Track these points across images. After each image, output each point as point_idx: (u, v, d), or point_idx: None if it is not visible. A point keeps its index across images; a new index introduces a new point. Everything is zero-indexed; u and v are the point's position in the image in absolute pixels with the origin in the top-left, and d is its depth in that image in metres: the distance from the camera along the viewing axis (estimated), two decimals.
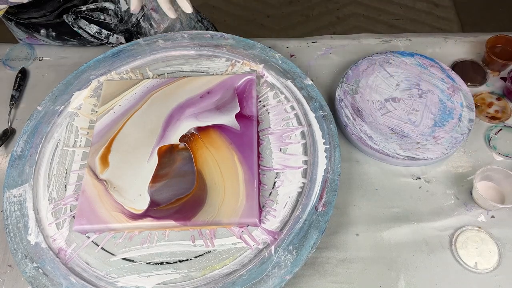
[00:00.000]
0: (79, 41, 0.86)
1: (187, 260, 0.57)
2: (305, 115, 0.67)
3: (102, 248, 0.58)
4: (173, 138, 0.65)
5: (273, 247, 0.56)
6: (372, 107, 0.72)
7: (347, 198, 0.66)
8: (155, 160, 0.63)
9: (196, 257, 0.57)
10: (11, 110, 0.79)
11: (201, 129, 0.65)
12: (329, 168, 0.62)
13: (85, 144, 0.67)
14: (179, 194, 0.59)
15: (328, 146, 0.64)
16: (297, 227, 0.57)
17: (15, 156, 0.66)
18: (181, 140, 0.64)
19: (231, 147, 0.63)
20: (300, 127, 0.66)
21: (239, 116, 0.66)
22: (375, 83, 0.75)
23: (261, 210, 0.59)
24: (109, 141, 0.65)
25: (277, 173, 0.62)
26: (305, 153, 0.64)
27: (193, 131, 0.65)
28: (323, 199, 0.59)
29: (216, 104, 0.68)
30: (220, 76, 0.72)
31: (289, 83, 0.71)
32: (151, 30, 0.85)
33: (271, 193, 0.61)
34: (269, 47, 0.77)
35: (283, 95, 0.70)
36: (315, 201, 0.59)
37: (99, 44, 0.86)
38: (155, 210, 0.58)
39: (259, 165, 0.63)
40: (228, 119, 0.66)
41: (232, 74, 0.73)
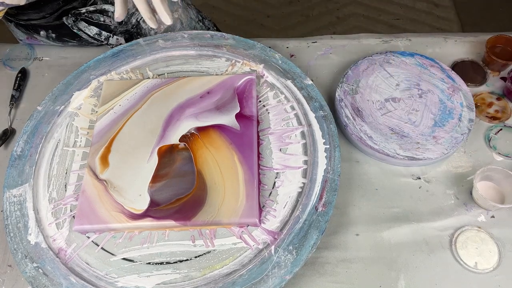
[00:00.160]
0: (79, 42, 0.86)
1: (187, 260, 0.57)
2: (305, 115, 0.67)
3: (102, 248, 0.58)
4: (173, 138, 0.65)
5: (273, 247, 0.56)
6: (372, 107, 0.72)
7: (347, 198, 0.66)
8: (155, 160, 0.63)
9: (196, 257, 0.57)
10: (11, 110, 0.79)
11: (201, 129, 0.65)
12: (329, 168, 0.62)
13: (85, 144, 0.67)
14: (179, 194, 0.59)
15: (328, 146, 0.64)
16: (297, 227, 0.57)
17: (15, 156, 0.66)
18: (181, 140, 0.64)
19: (231, 147, 0.63)
20: (300, 127, 0.66)
21: (239, 116, 0.66)
22: (375, 83, 0.75)
23: (261, 210, 0.59)
24: (109, 141, 0.65)
25: (277, 173, 0.62)
26: (305, 153, 0.64)
27: (193, 131, 0.65)
28: (323, 199, 0.59)
29: (216, 104, 0.68)
30: (220, 76, 0.72)
31: (289, 83, 0.71)
32: (151, 31, 0.85)
33: (271, 193, 0.61)
34: (269, 47, 0.77)
35: (283, 95, 0.70)
36: (315, 201, 0.59)
37: (99, 45, 0.86)
38: (155, 210, 0.58)
39: (259, 165, 0.63)
40: (228, 119, 0.66)
41: (232, 74, 0.73)
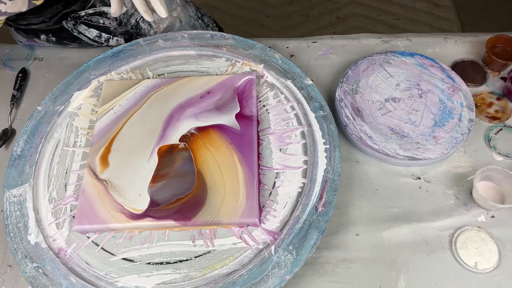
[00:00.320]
0: (79, 45, 0.86)
1: (187, 260, 0.57)
2: (305, 115, 0.67)
3: (102, 248, 0.58)
4: (173, 138, 0.65)
5: (273, 247, 0.56)
6: (372, 107, 0.72)
7: (347, 198, 0.66)
8: (155, 160, 0.63)
9: (196, 257, 0.57)
10: (11, 110, 0.79)
11: (201, 129, 0.65)
12: (329, 168, 0.62)
13: (85, 144, 0.67)
14: (179, 194, 0.59)
15: (328, 146, 0.64)
16: (297, 227, 0.57)
17: (15, 156, 0.66)
18: (181, 140, 0.64)
19: (231, 147, 0.63)
20: (300, 127, 0.66)
21: (239, 116, 0.66)
22: (375, 83, 0.75)
23: (261, 210, 0.59)
24: (109, 141, 0.65)
25: (277, 173, 0.62)
26: (305, 153, 0.64)
27: (193, 131, 0.65)
28: (323, 199, 0.59)
29: (216, 104, 0.68)
30: (220, 76, 0.72)
31: (289, 83, 0.71)
32: (150, 31, 0.85)
33: (271, 193, 0.61)
34: (269, 47, 0.77)
35: (283, 95, 0.70)
36: (315, 201, 0.59)
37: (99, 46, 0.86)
38: (155, 210, 0.58)
39: (259, 165, 0.63)
40: (228, 119, 0.66)
41: (232, 74, 0.73)
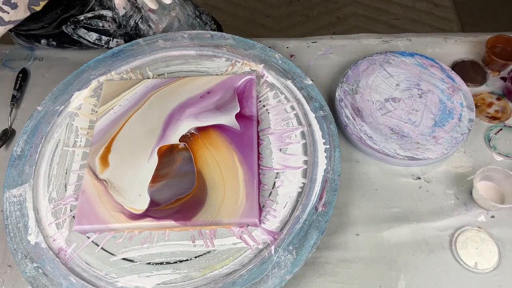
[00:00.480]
0: (80, 48, 0.86)
1: (187, 260, 0.57)
2: (305, 115, 0.67)
3: (102, 248, 0.58)
4: (173, 138, 0.65)
5: (273, 247, 0.56)
6: (372, 107, 0.72)
7: (347, 198, 0.66)
8: (155, 160, 0.63)
9: (196, 257, 0.57)
10: (11, 110, 0.79)
11: (201, 129, 0.65)
12: (329, 168, 0.62)
13: (85, 144, 0.67)
14: (179, 194, 0.59)
15: (328, 146, 0.64)
16: (297, 227, 0.57)
17: (15, 156, 0.66)
18: (181, 140, 0.64)
19: (231, 147, 0.63)
20: (300, 127, 0.66)
21: (239, 116, 0.66)
22: (375, 83, 0.75)
23: (261, 210, 0.59)
24: (109, 141, 0.65)
25: (277, 173, 0.62)
26: (305, 153, 0.64)
27: (193, 131, 0.65)
28: (323, 199, 0.59)
29: (216, 104, 0.68)
30: (220, 76, 0.72)
31: (289, 83, 0.71)
32: (149, 31, 0.85)
33: (271, 193, 0.61)
34: (269, 47, 0.77)
35: (283, 95, 0.70)
36: (315, 201, 0.59)
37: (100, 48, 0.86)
38: (155, 210, 0.58)
39: (259, 165, 0.63)
40: (228, 119, 0.66)
41: (232, 74, 0.73)
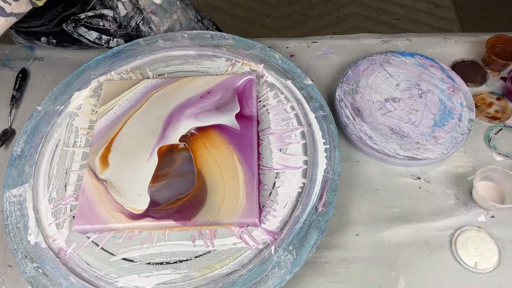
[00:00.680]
0: (80, 47, 0.86)
1: (187, 260, 0.57)
2: (305, 115, 0.67)
3: (102, 248, 0.58)
4: (173, 138, 0.65)
5: (273, 247, 0.56)
6: (372, 107, 0.72)
7: (347, 198, 0.66)
8: (155, 160, 0.63)
9: (196, 257, 0.57)
10: (11, 110, 0.79)
11: (201, 129, 0.65)
12: (329, 168, 0.62)
13: (85, 144, 0.67)
14: (179, 194, 0.59)
15: (328, 146, 0.64)
16: (297, 227, 0.57)
17: (15, 156, 0.66)
18: (181, 140, 0.64)
19: (231, 147, 0.63)
20: (300, 127, 0.66)
21: (239, 116, 0.66)
22: (375, 83, 0.75)
23: (261, 210, 0.59)
24: (109, 141, 0.65)
25: (277, 173, 0.62)
26: (305, 153, 0.64)
27: (193, 131, 0.65)
28: (323, 199, 0.59)
29: (216, 104, 0.68)
30: (220, 76, 0.72)
31: (289, 83, 0.71)
32: (150, 33, 0.85)
33: (271, 193, 0.61)
34: (269, 47, 0.77)
35: (283, 95, 0.70)
36: (315, 201, 0.59)
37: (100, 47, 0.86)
38: (155, 210, 0.58)
39: (259, 165, 0.63)
40: (228, 119, 0.66)
41: (232, 74, 0.73)
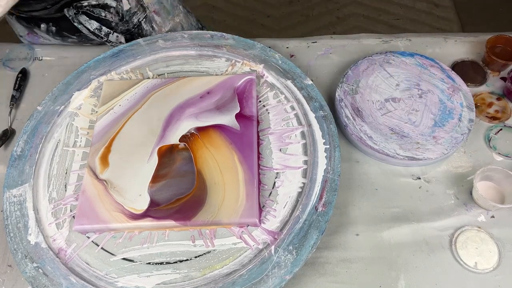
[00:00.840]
0: (79, 39, 0.85)
1: (187, 260, 0.57)
2: (305, 115, 0.67)
3: (102, 248, 0.58)
4: (173, 138, 0.65)
5: (273, 247, 0.56)
6: (372, 107, 0.72)
7: (347, 198, 0.66)
8: (155, 160, 0.63)
9: (196, 257, 0.57)
10: (11, 110, 0.79)
11: (201, 129, 0.65)
12: (329, 168, 0.62)
13: (85, 144, 0.67)
14: (179, 194, 0.59)
15: (328, 146, 0.64)
16: (297, 227, 0.57)
17: (15, 156, 0.66)
18: (181, 140, 0.64)
19: (231, 147, 0.63)
20: (300, 127, 0.66)
21: (239, 116, 0.66)
22: (375, 83, 0.75)
23: (261, 210, 0.59)
24: (109, 141, 0.65)
25: (277, 173, 0.62)
26: (305, 153, 0.64)
27: (193, 131, 0.65)
28: (323, 199, 0.59)
29: (216, 104, 0.68)
30: (220, 76, 0.72)
31: (289, 83, 0.71)
32: (152, 33, 0.85)
33: (271, 193, 0.61)
34: (269, 47, 0.77)
35: (283, 95, 0.70)
36: (315, 201, 0.59)
37: (99, 43, 0.86)
38: (155, 210, 0.58)
39: (259, 165, 0.63)
40: (228, 119, 0.66)
41: (232, 74, 0.73)
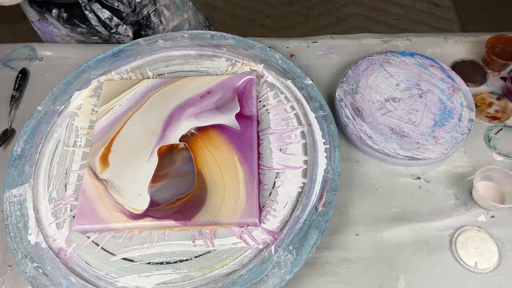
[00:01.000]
0: (87, 28, 0.84)
1: (187, 260, 0.57)
2: (305, 115, 0.67)
3: (102, 248, 0.58)
4: (173, 138, 0.65)
5: (273, 247, 0.56)
6: (372, 107, 0.72)
7: (347, 198, 0.66)
8: (155, 160, 0.63)
9: (196, 257, 0.57)
10: (11, 110, 0.79)
11: (201, 129, 0.65)
12: (329, 168, 0.62)
13: (85, 144, 0.68)
14: (179, 194, 0.59)
15: (328, 146, 0.64)
16: (297, 227, 0.57)
17: (15, 156, 0.66)
18: (181, 140, 0.64)
19: (231, 147, 0.63)
20: (300, 127, 0.66)
21: (239, 116, 0.66)
22: (375, 83, 0.75)
23: (261, 210, 0.59)
24: (109, 141, 0.65)
25: (277, 173, 0.62)
26: (305, 153, 0.64)
27: (193, 131, 0.65)
28: (323, 199, 0.59)
29: (216, 104, 0.68)
30: (220, 76, 0.72)
31: (289, 83, 0.71)
32: (160, 26, 0.85)
33: (271, 193, 0.61)
34: (269, 47, 0.77)
35: (283, 95, 0.70)
36: (315, 201, 0.59)
37: (104, 40, 0.86)
38: (155, 210, 0.58)
39: (259, 165, 0.63)
40: (228, 119, 0.66)
41: (232, 74, 0.73)
